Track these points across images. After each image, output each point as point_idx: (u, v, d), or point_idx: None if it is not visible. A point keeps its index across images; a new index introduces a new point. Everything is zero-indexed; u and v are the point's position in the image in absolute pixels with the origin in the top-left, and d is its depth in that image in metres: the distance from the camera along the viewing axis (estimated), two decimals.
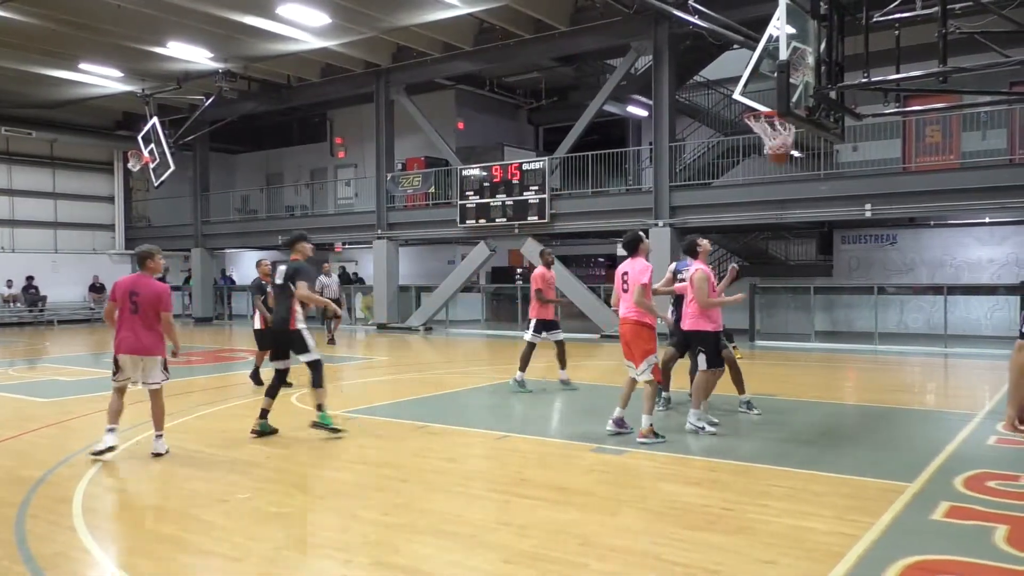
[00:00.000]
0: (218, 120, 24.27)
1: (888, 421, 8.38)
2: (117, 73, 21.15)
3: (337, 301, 17.80)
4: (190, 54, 19.56)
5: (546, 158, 19.67)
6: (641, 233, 7.31)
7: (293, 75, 22.75)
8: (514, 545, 4.51)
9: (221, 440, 7.48)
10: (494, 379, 11.83)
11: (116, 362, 6.71)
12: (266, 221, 26.16)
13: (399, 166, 23.03)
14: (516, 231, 19.69)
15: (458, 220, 20.46)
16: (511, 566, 4.23)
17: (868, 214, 15.71)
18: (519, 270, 24.63)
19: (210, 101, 22.04)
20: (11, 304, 24.97)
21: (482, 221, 20.04)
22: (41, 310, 25.62)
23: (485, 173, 20.12)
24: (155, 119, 21.82)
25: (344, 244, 25.59)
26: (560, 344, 10.61)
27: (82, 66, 20.41)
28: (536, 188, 19.26)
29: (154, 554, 4.49)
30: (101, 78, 21.68)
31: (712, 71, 21.25)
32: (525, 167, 19.57)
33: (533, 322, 10.53)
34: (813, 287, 17.76)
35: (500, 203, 19.79)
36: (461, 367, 13.69)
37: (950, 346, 15.63)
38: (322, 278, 17.83)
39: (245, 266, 30.61)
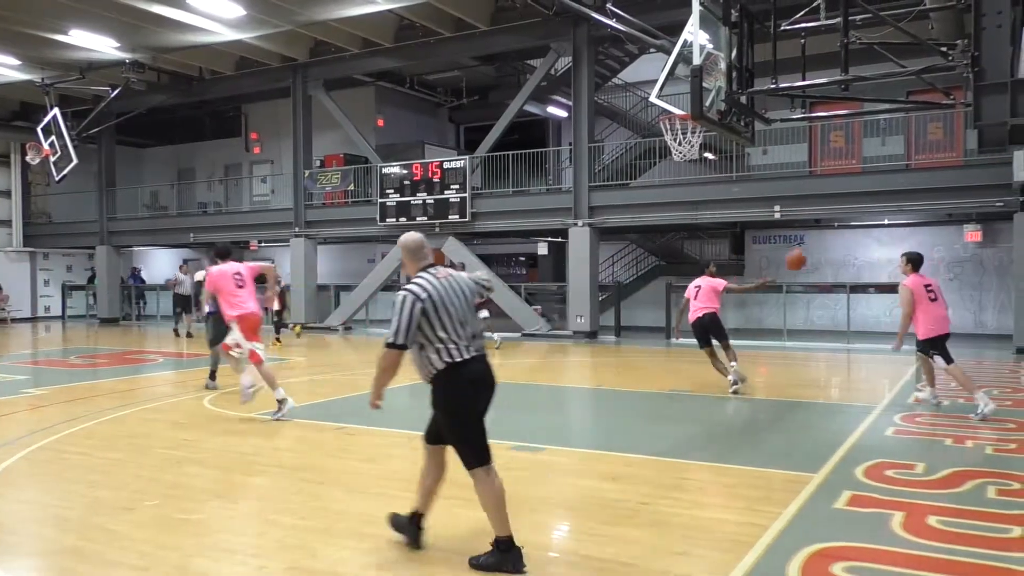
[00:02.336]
0: (125, 112, 23.33)
1: (795, 414, 8.73)
2: (14, 61, 20.06)
3: (187, 300, 19.72)
4: (94, 43, 18.72)
5: (467, 157, 19.67)
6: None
7: (206, 67, 22.07)
8: (434, 544, 4.51)
9: (129, 445, 7.20)
10: (414, 379, 11.70)
11: None
12: (177, 218, 25.30)
13: (317, 163, 22.64)
14: (437, 230, 19.63)
15: (378, 218, 20.26)
16: (430, 567, 4.22)
17: (777, 215, 16.32)
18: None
19: (116, 92, 21.16)
20: None
21: (403, 219, 19.89)
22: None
23: (406, 171, 19.98)
24: (56, 110, 20.81)
25: (260, 242, 24.96)
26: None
27: None
28: (457, 187, 19.24)
29: (55, 567, 4.30)
30: None
31: (630, 74, 21.66)
32: (446, 166, 19.53)
33: None
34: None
35: (421, 201, 19.68)
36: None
37: (852, 342, 16.39)
38: (177, 274, 20.19)
39: (155, 264, 29.55)
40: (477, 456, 4.08)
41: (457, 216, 19.20)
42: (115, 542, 4.59)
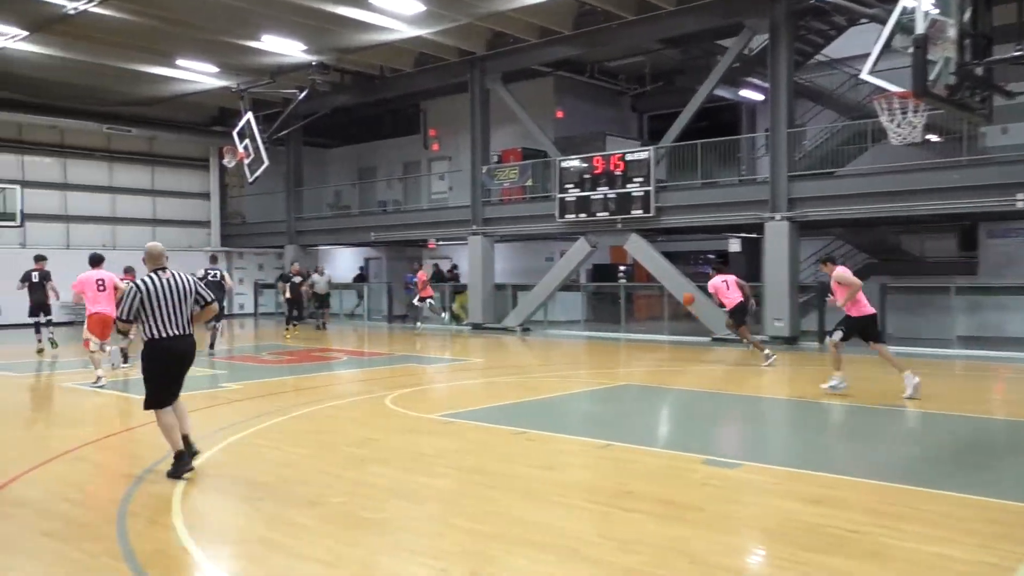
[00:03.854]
0: (311, 114, 25.11)
1: None
2: (213, 68, 22.20)
3: (325, 297, 23.40)
4: (284, 47, 20.34)
5: (651, 148, 19.44)
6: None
7: (386, 65, 23.30)
8: (617, 561, 4.49)
9: (315, 442, 7.75)
10: (595, 383, 11.81)
11: None
12: (358, 217, 26.90)
13: (495, 158, 23.24)
14: (619, 226, 19.55)
15: (557, 215, 20.48)
16: None
17: (1021, 204, 14.79)
18: (622, 268, 24.45)
19: (303, 94, 22.84)
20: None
21: (582, 216, 19.99)
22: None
23: (586, 165, 20.06)
24: (249, 114, 22.78)
25: (438, 240, 26.01)
26: None
27: (179, 62, 21.53)
28: (640, 180, 19.06)
29: (250, 556, 4.71)
30: (197, 74, 22.82)
31: (836, 49, 20.50)
32: (628, 157, 19.40)
33: None
34: (954, 287, 16.88)
35: (602, 196, 19.68)
36: (560, 370, 13.67)
37: None
38: (313, 275, 23.08)
39: (338, 263, 31.56)
40: (155, 403, 6.42)
41: (640, 211, 19.02)
42: (303, 536, 4.96)
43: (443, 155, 27.86)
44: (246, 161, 22.48)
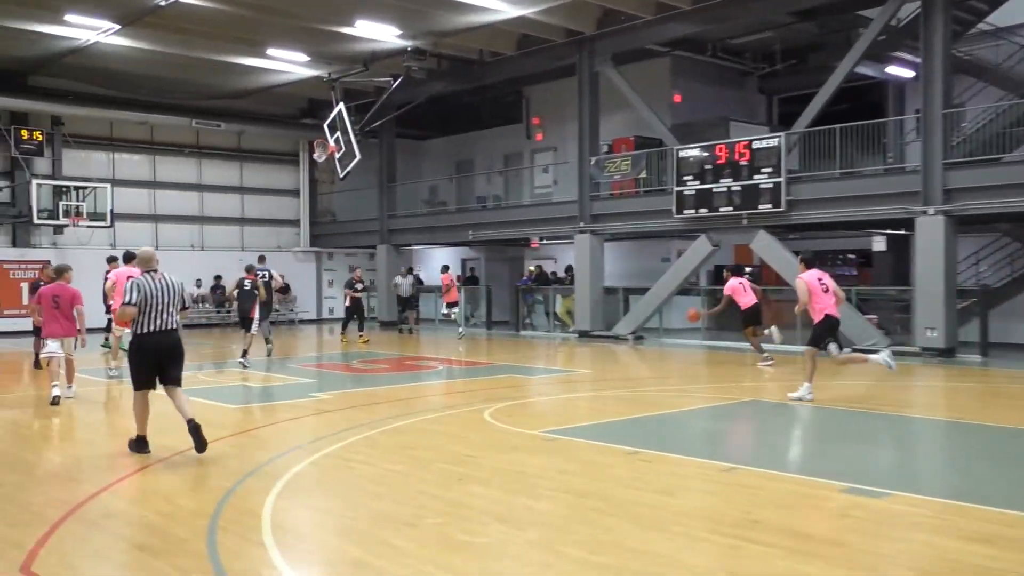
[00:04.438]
0: (405, 103, 25.63)
1: None
2: (303, 57, 22.98)
3: (409, 300, 24.93)
4: (377, 32, 20.85)
5: (782, 134, 18.95)
6: None
7: (486, 49, 23.57)
8: None
9: (409, 458, 7.90)
10: (717, 399, 11.63)
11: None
12: (455, 214, 27.29)
13: (604, 148, 23.16)
14: (744, 222, 19.14)
15: (674, 210, 20.23)
16: None
17: None
18: (747, 269, 23.93)
19: (397, 83, 23.34)
20: (199, 305, 27.85)
21: (703, 211, 19.68)
22: (228, 311, 28.29)
23: (707, 154, 19.74)
24: (341, 105, 23.43)
25: (541, 239, 26.11)
26: None
27: (269, 52, 22.39)
28: (769, 170, 18.61)
29: None
30: (287, 63, 23.69)
31: (1003, 16, 19.50)
32: (756, 145, 18.98)
33: None
34: None
35: (725, 189, 19.33)
36: (678, 384, 13.55)
37: None
38: (397, 277, 24.91)
39: (433, 265, 32.08)
40: (137, 385, 8.10)
41: (769, 205, 18.57)
42: (398, 558, 5.06)
43: (547, 146, 27.95)
44: (337, 155, 23.14)
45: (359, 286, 22.11)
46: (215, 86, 26.22)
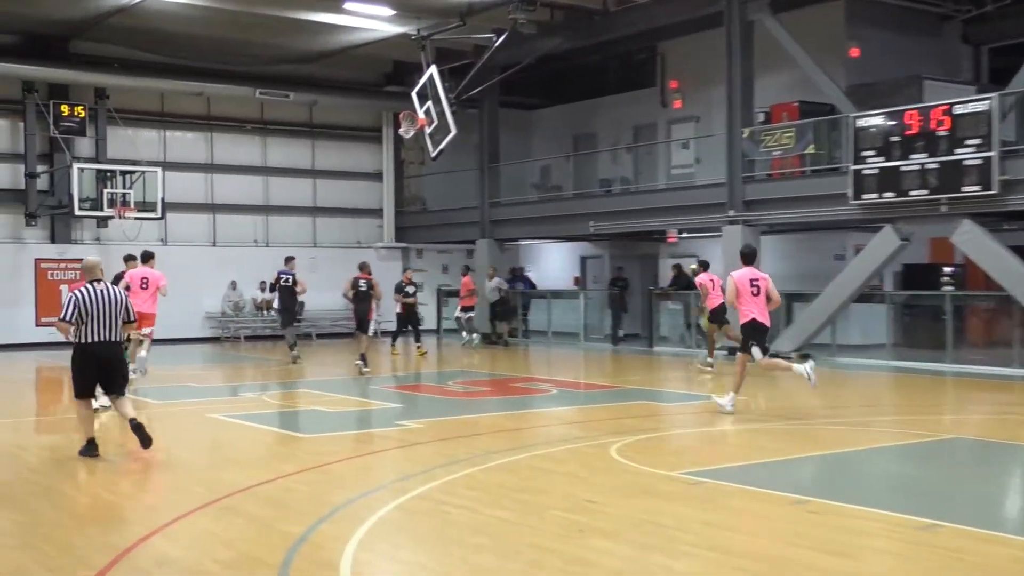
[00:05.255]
0: (511, 65, 25.79)
1: None
2: (387, 11, 23.42)
3: (504, 302, 26.05)
4: None
5: (994, 95, 18.30)
6: None
7: None
8: None
9: (519, 503, 7.95)
10: (910, 435, 11.35)
11: None
12: (572, 201, 27.30)
13: (760, 117, 22.81)
14: (944, 209, 18.57)
15: (851, 194, 19.78)
16: None
17: None
18: (947, 269, 23.16)
19: (501, 39, 23.51)
20: (264, 312, 28.59)
21: (888, 195, 19.18)
22: (298, 320, 29.01)
23: (894, 122, 19.23)
24: (433, 68, 23.73)
25: (680, 232, 25.86)
26: None
27: (346, 5, 22.88)
28: (977, 142, 17.99)
29: None
30: (368, 19, 24.16)
31: None
32: (959, 110, 18.37)
33: None
34: None
35: (918, 167, 18.78)
36: (857, 415, 13.32)
37: None
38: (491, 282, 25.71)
39: (547, 264, 32.16)
40: (78, 393, 9.93)
41: (977, 187, 17.94)
42: None
43: (687, 115, 27.68)
44: (428, 130, 23.45)
45: (410, 289, 22.67)
46: (283, 48, 26.92)
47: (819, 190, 20.79)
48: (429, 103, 23.34)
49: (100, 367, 9.87)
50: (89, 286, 9.77)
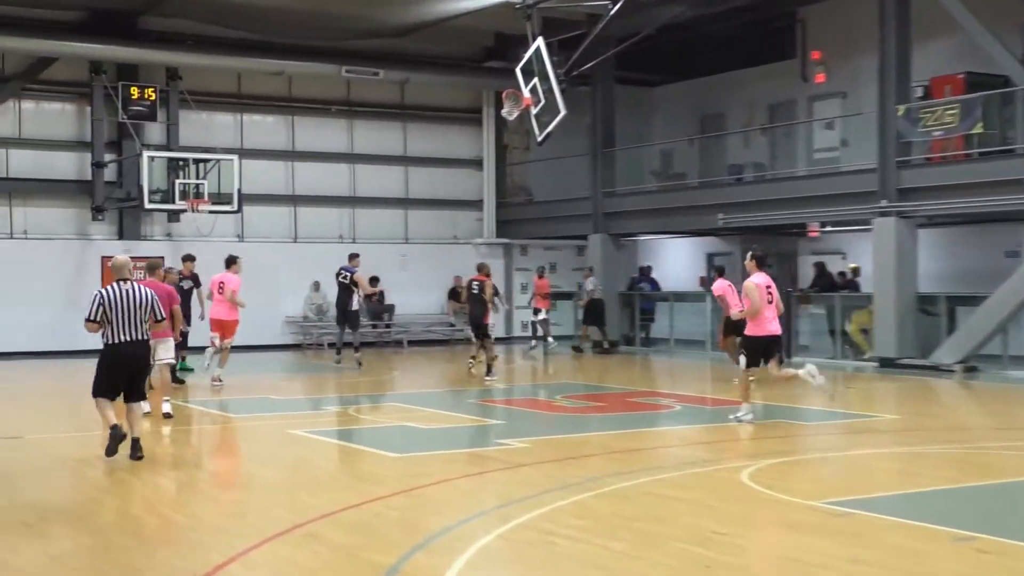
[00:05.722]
0: (628, 36, 25.68)
1: None
2: None
3: (599, 305, 26.88)
4: None
5: None
6: None
7: None
8: None
9: (636, 534, 7.91)
10: None
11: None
12: (698, 191, 27.09)
13: (918, 92, 22.36)
14: None
15: None
16: None
17: None
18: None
19: (617, 6, 23.43)
20: None
21: None
22: (388, 325, 29.29)
23: None
24: (539, 40, 23.71)
25: (823, 226, 25.46)
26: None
27: None
28: None
29: None
30: None
31: None
32: None
33: None
34: None
35: None
36: None
37: None
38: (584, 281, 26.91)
39: (666, 261, 31.96)
40: (98, 392, 10.86)
41: None
42: None
43: (832, 90, 27.27)
44: (534, 110, 23.46)
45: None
46: (372, 21, 27.16)
47: (988, 176, 20.32)
48: (535, 80, 23.35)
49: (127, 367, 10.84)
50: (115, 285, 10.77)
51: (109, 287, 10.82)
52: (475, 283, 19.95)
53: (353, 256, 21.91)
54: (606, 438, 13.03)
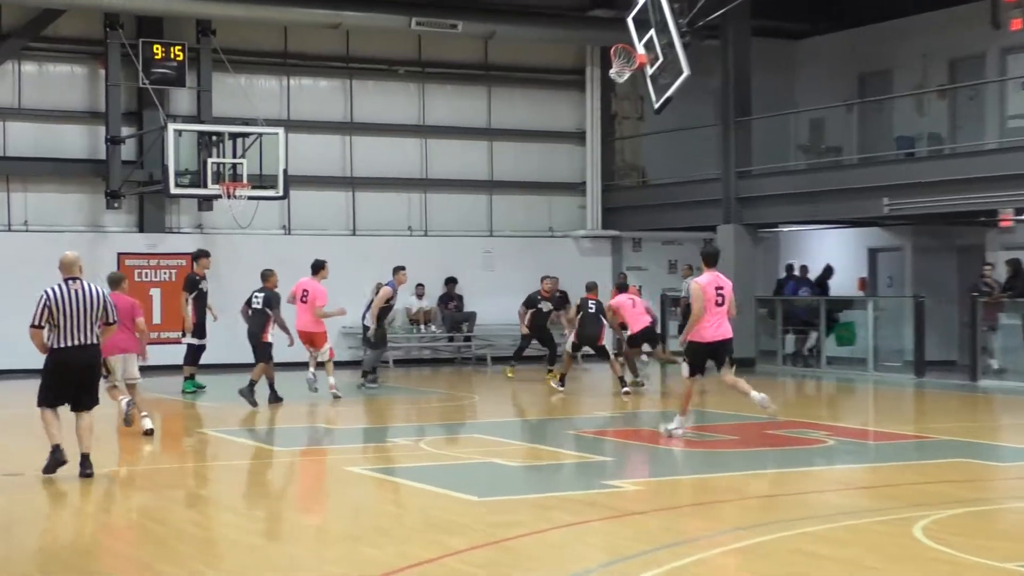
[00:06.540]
0: None
1: None
2: None
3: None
4: None
5: None
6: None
7: None
8: None
9: None
10: None
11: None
12: (857, 169, 26.78)
13: None
14: None
15: None
16: None
17: None
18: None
19: None
20: (421, 326, 28.98)
21: None
22: (467, 337, 29.18)
23: None
24: None
25: (1019, 212, 25.12)
26: None
27: None
28: None
29: None
30: None
31: None
32: None
33: None
34: None
35: None
36: None
37: None
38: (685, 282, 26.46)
39: (816, 258, 31.61)
40: (43, 402, 11.99)
41: None
42: None
43: None
44: (650, 70, 23.37)
45: (546, 305, 23.78)
46: None
47: None
48: (652, 32, 23.26)
49: (74, 374, 11.84)
50: (63, 284, 11.75)
51: (56, 286, 11.71)
52: (591, 302, 21.79)
53: (398, 269, 22.49)
54: (738, 480, 12.90)
